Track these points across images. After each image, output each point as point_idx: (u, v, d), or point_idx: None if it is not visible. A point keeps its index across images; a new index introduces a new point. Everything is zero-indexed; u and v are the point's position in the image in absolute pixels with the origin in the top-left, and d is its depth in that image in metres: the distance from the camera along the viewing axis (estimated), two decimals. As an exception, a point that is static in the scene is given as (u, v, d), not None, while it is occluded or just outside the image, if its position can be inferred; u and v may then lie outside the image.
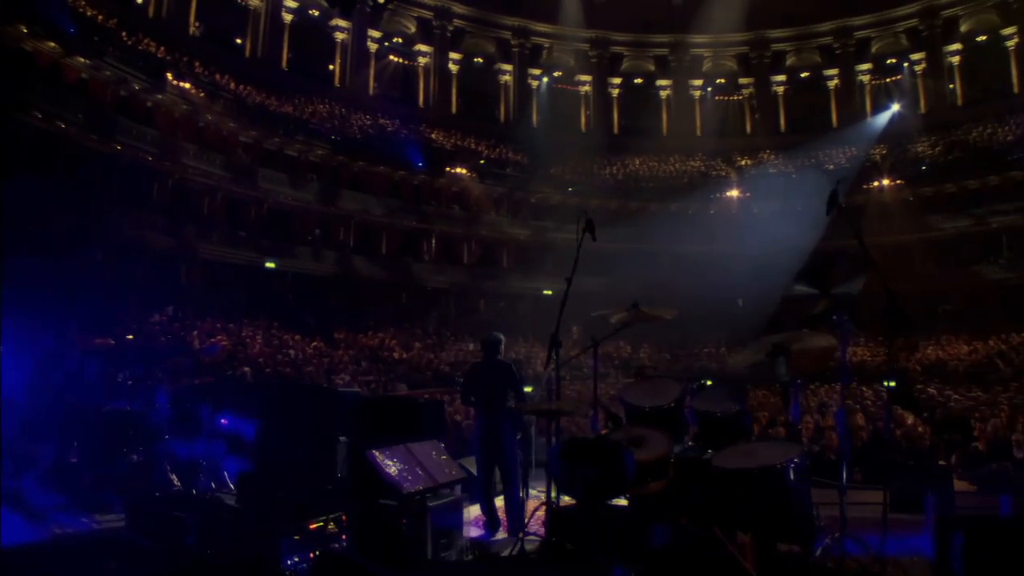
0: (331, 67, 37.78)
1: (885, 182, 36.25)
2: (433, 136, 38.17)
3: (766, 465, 4.86)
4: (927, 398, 25.89)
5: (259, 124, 31.37)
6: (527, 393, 8.50)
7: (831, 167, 37.50)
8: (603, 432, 5.94)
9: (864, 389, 25.45)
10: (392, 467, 5.34)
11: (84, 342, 11.77)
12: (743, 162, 41.11)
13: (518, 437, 8.47)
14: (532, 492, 8.48)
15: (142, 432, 8.99)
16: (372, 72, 38.63)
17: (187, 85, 28.34)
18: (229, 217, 30.52)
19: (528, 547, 5.94)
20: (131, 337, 15.41)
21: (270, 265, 30.82)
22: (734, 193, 39.05)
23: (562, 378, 6.88)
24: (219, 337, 22.92)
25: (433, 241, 37.19)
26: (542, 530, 5.88)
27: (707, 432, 5.90)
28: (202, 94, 29.07)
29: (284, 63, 35.94)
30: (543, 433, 14.15)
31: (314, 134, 33.15)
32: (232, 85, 31.35)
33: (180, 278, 28.25)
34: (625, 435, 5.73)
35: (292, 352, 25.05)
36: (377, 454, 5.35)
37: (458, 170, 36.81)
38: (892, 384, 28.92)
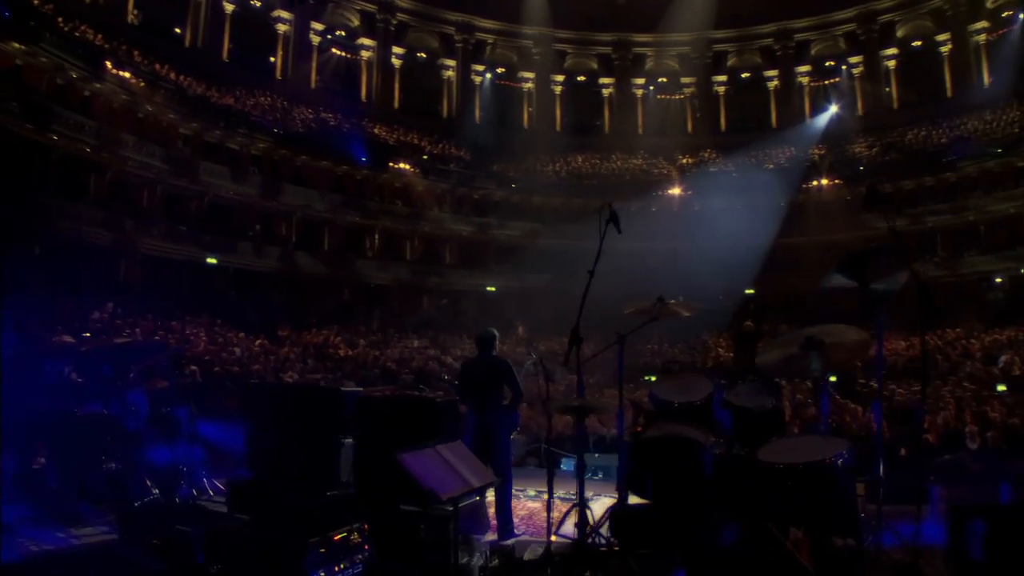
0: (272, 59, 37.00)
1: (824, 182, 37.00)
2: (376, 131, 37.72)
3: (818, 460, 4.82)
4: (870, 392, 26.59)
5: (200, 116, 30.52)
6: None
7: (771, 166, 38.21)
8: (638, 429, 5.86)
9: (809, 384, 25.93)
10: (427, 471, 5.14)
11: (43, 340, 11.20)
12: (684, 161, 41.50)
13: (512, 436, 8.37)
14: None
15: (119, 438, 8.52)
16: (314, 65, 37.92)
17: (126, 74, 27.46)
18: (169, 211, 29.66)
19: (555, 550, 5.85)
20: (88, 335, 14.77)
21: (211, 261, 30.09)
22: (676, 191, 39.38)
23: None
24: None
25: (376, 237, 36.76)
26: (573, 531, 5.77)
27: (741, 428, 5.83)
28: (142, 84, 28.19)
29: (225, 54, 35.08)
30: (524, 431, 14.12)
31: (256, 127, 32.46)
32: (172, 75, 30.47)
33: (119, 274, 27.37)
34: (660, 431, 5.66)
35: (237, 350, 24.49)
36: (408, 457, 5.13)
37: (401, 165, 36.44)
38: (834, 379, 29.86)
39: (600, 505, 6.68)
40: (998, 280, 33.89)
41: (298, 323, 30.34)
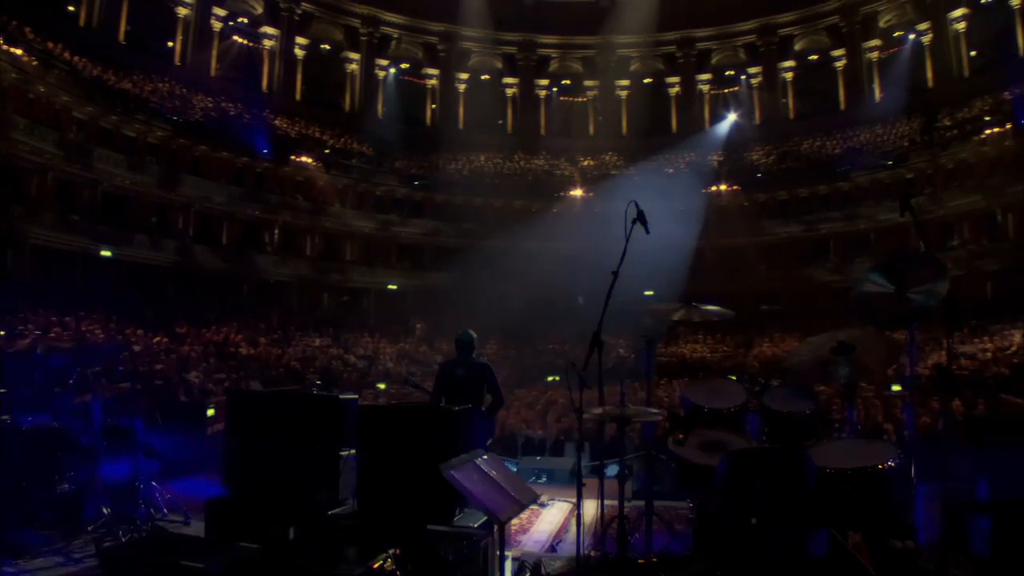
0: (171, 44, 35.39)
1: (723, 187, 37.98)
2: (277, 123, 36.61)
3: (872, 464, 4.82)
4: (766, 389, 27.41)
5: (96, 100, 28.87)
6: None
7: (671, 171, 38.99)
8: (679, 436, 5.75)
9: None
10: (479, 489, 4.87)
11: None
12: (586, 163, 41.92)
13: (488, 443, 8.18)
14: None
15: (73, 453, 7.82)
16: (215, 52, 36.51)
17: (19, 51, 25.76)
18: (62, 200, 27.89)
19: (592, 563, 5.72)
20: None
21: (106, 253, 28.56)
22: (578, 193, 39.73)
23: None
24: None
25: (276, 232, 35.74)
26: (590, 541, 5.64)
27: (773, 433, 5.83)
28: (35, 62, 26.48)
29: (122, 36, 33.26)
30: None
31: (155, 114, 30.97)
32: (67, 56, 28.77)
33: (7, 265, 25.72)
34: (701, 439, 5.59)
35: (137, 348, 23.37)
36: (458, 474, 4.86)
37: (303, 159, 35.55)
38: (734, 378, 30.72)
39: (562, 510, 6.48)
40: (884, 287, 35.47)
41: (196, 320, 29.19)
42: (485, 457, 5.46)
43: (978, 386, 21.05)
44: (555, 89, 44.09)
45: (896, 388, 23.74)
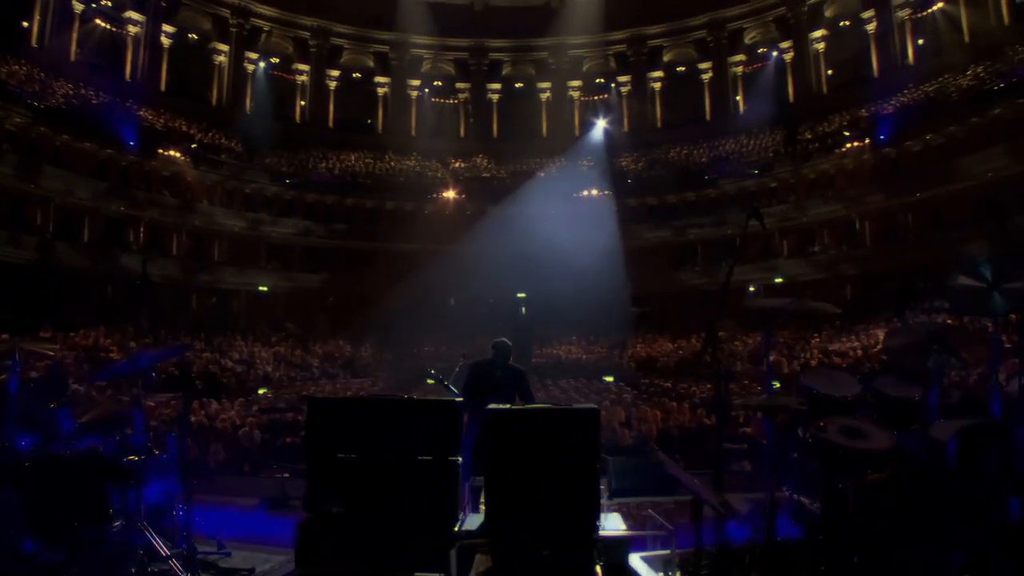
0: (26, 24, 32.64)
1: (594, 192, 38.68)
2: (141, 113, 34.51)
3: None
4: (659, 390, 28.39)
5: (-52, 81, 26.48)
6: None
7: (541, 175, 39.45)
8: (820, 424, 5.74)
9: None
10: (691, 483, 4.63)
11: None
12: (456, 164, 41.83)
13: None
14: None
15: (119, 480, 6.25)
16: (75, 35, 33.95)
17: None
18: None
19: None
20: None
21: (-40, 249, 26.19)
22: (450, 194, 39.58)
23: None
24: None
25: (142, 229, 33.71)
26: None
27: (887, 416, 5.90)
28: None
29: (-28, 14, 30.55)
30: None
31: (13, 98, 28.57)
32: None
33: None
34: (840, 426, 5.63)
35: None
36: (672, 471, 4.60)
37: (171, 153, 33.76)
38: (611, 379, 31.48)
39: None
40: (752, 289, 37.19)
41: (62, 323, 27.23)
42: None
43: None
44: (427, 90, 43.77)
45: (777, 385, 24.85)
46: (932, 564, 4.85)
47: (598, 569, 4.78)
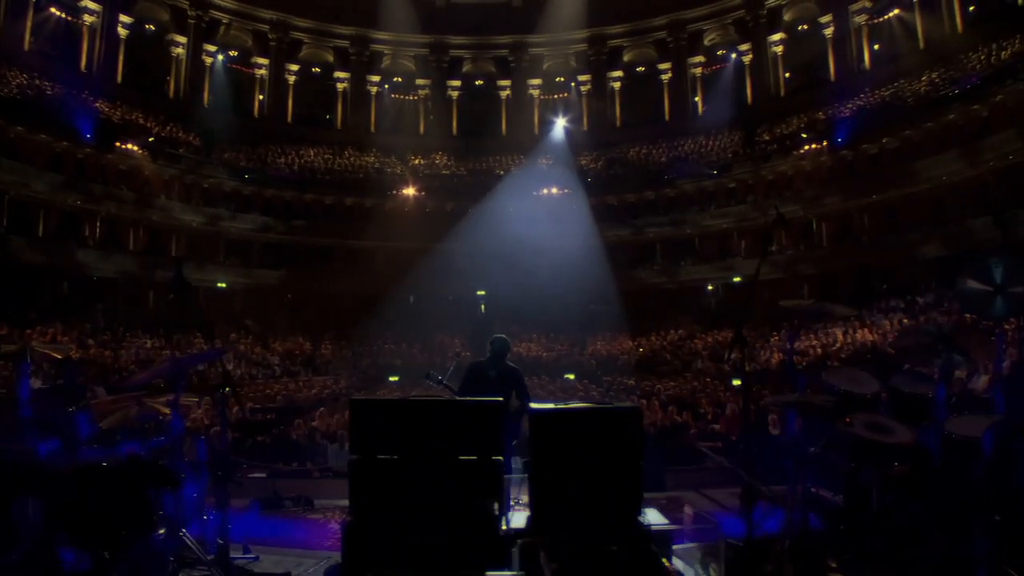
0: (-23, 12, 31.80)
1: (554, 191, 38.83)
2: (98, 106, 33.80)
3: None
4: (623, 387, 28.72)
5: None
6: None
7: (501, 172, 39.53)
8: (847, 420, 5.92)
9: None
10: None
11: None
12: (416, 161, 41.69)
13: (514, 443, 8.13)
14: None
15: (166, 488, 6.11)
16: (29, 24, 33.10)
17: None
18: None
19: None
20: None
21: (-89, 244, 25.45)
22: (409, 191, 39.43)
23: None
24: None
25: (99, 224, 33.07)
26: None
27: (903, 412, 6.17)
28: None
29: (-78, 2, 29.66)
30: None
31: (-36, 88, 27.93)
32: None
33: None
34: (866, 421, 5.83)
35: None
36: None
37: (129, 146, 33.11)
38: (572, 376, 31.72)
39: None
40: (710, 287, 37.77)
41: (18, 320, 26.57)
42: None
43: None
44: (387, 86, 43.53)
45: (736, 382, 25.33)
46: (957, 553, 5.06)
47: (664, 561, 4.88)
